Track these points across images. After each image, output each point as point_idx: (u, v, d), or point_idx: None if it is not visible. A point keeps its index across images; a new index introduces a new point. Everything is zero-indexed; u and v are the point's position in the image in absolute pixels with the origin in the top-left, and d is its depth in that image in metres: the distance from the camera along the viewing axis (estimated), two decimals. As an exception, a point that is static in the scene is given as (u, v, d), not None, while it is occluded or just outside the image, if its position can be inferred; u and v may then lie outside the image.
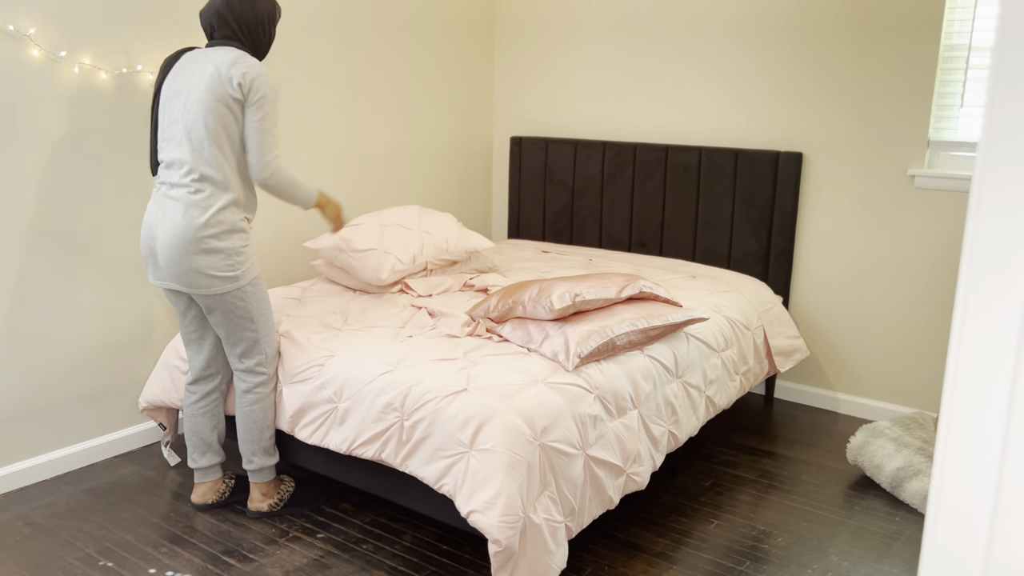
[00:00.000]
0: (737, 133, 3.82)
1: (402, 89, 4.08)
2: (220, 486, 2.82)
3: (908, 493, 2.89)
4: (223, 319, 2.54)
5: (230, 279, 2.49)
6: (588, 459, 2.34)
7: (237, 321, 2.55)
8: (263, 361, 2.62)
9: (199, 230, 2.43)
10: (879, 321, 3.58)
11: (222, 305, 2.51)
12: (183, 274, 2.46)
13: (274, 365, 2.66)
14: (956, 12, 3.27)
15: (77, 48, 2.88)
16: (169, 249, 2.45)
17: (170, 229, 2.44)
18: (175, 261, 2.45)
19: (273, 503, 2.75)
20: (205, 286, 2.47)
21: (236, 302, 2.52)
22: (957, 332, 0.91)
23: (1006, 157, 0.85)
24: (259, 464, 2.70)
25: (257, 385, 2.63)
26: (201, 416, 2.74)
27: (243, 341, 2.59)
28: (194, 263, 2.44)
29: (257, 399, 2.64)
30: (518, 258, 3.99)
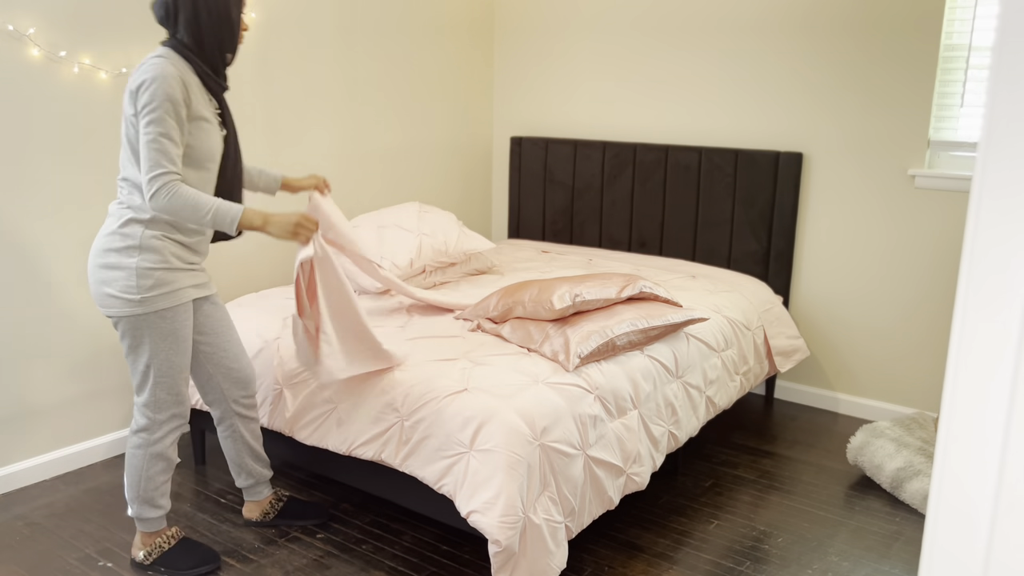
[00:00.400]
0: (737, 133, 3.82)
1: (402, 89, 4.07)
2: (266, 506, 2.69)
3: (908, 493, 2.89)
4: (123, 345, 2.27)
5: (129, 302, 2.18)
6: (588, 459, 2.34)
7: (132, 351, 2.25)
8: (150, 404, 2.30)
9: (105, 239, 2.20)
10: (879, 321, 3.58)
11: (121, 328, 2.23)
12: (92, 288, 2.24)
13: (166, 414, 2.32)
14: (956, 12, 3.27)
15: (77, 48, 2.88)
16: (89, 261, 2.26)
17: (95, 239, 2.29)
18: (89, 274, 2.25)
19: (145, 553, 2.44)
20: (106, 305, 2.22)
21: (134, 330, 2.22)
22: (957, 332, 0.91)
23: (1006, 157, 0.85)
24: (135, 512, 2.41)
25: (141, 429, 2.33)
26: (225, 440, 2.60)
27: (136, 374, 2.29)
28: (98, 276, 2.22)
29: (139, 444, 2.34)
30: (518, 258, 3.99)
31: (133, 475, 2.39)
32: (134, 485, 2.39)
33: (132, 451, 2.37)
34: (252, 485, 2.67)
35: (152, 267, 2.19)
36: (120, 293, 2.19)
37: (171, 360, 2.28)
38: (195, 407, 2.90)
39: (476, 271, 3.62)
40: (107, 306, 2.22)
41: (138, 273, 2.17)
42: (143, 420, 2.33)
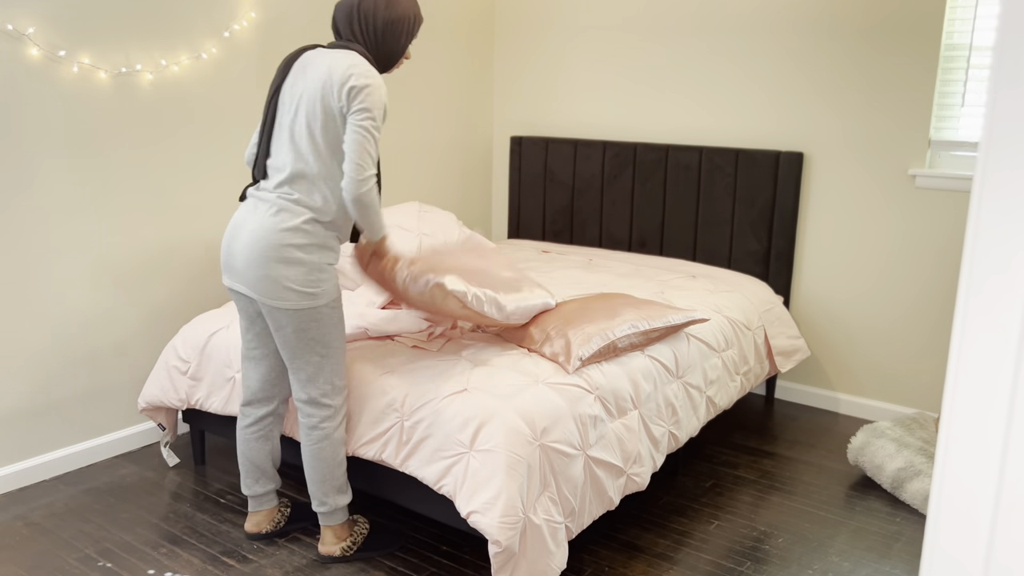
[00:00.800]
0: (737, 133, 3.82)
1: (402, 89, 4.07)
2: (276, 515, 2.64)
3: (909, 494, 2.89)
4: (292, 338, 2.30)
5: (308, 295, 2.25)
6: (588, 460, 2.33)
7: (307, 343, 2.31)
8: (328, 392, 2.37)
9: (285, 234, 2.22)
10: (880, 321, 3.58)
11: (294, 323, 2.28)
12: (259, 281, 2.25)
13: (341, 397, 2.40)
14: (956, 12, 3.26)
15: (76, 48, 2.88)
16: (250, 251, 2.25)
17: (256, 230, 2.24)
18: (254, 265, 2.24)
19: (346, 546, 2.50)
20: (280, 298, 2.25)
21: (310, 322, 2.28)
22: (958, 332, 0.90)
23: (1007, 157, 0.84)
24: (332, 505, 2.45)
25: (323, 420, 2.38)
26: (255, 440, 2.53)
27: (308, 366, 2.34)
28: (273, 271, 2.23)
29: (324, 435, 2.38)
30: (518, 258, 3.98)
31: (324, 469, 2.41)
32: (327, 479, 2.42)
33: (319, 446, 2.39)
34: (267, 492, 2.60)
35: (330, 263, 2.31)
36: (301, 287, 2.25)
37: (341, 346, 2.38)
38: (195, 407, 2.90)
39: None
40: (281, 299, 2.26)
41: (319, 267, 2.27)
42: (324, 411, 2.38)
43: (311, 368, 2.34)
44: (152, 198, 3.16)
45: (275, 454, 2.59)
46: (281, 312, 2.27)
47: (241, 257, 2.27)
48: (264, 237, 2.23)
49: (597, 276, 3.60)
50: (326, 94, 2.20)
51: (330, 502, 2.45)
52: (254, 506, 2.62)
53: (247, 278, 2.28)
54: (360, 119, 2.19)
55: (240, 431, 2.55)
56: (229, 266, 2.34)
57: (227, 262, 2.34)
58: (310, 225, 2.25)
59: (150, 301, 3.22)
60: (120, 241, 3.09)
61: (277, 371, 2.50)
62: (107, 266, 3.07)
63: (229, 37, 3.31)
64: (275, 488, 2.62)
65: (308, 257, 2.25)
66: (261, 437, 2.54)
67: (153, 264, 3.20)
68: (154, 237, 3.19)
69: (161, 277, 3.24)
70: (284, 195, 2.26)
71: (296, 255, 2.23)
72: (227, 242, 2.33)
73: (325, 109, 2.21)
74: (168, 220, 3.22)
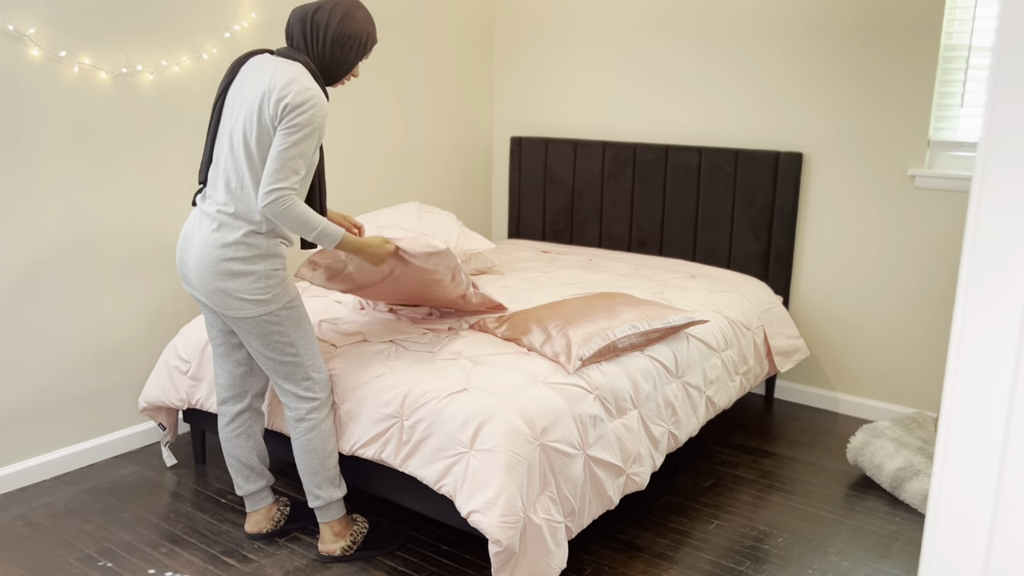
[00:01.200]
0: (737, 133, 3.82)
1: (402, 89, 4.07)
2: (274, 513, 2.64)
3: (908, 493, 2.89)
4: (260, 344, 2.34)
5: (260, 302, 2.28)
6: (588, 459, 2.33)
7: (275, 346, 2.34)
8: (309, 386, 2.40)
9: (227, 250, 2.24)
10: (879, 321, 3.58)
11: (256, 329, 2.31)
12: (212, 294, 2.29)
13: (326, 389, 2.42)
14: (956, 12, 3.27)
15: (77, 48, 2.88)
16: (199, 266, 2.28)
17: (201, 246, 2.27)
18: (205, 280, 2.28)
19: (346, 545, 2.50)
20: (234, 308, 2.28)
21: (270, 326, 2.31)
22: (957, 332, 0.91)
23: (1006, 157, 0.85)
24: (326, 498, 2.46)
25: (310, 411, 2.40)
26: (236, 439, 2.55)
27: (283, 367, 2.37)
28: (222, 285, 2.26)
29: (312, 426, 2.40)
30: (518, 258, 3.99)
31: (315, 460, 2.43)
32: (318, 470, 2.44)
33: (307, 437, 2.41)
34: (260, 490, 2.61)
35: (276, 268, 2.30)
36: (251, 295, 2.27)
37: (310, 341, 2.40)
38: (196, 407, 2.90)
39: (476, 271, 3.62)
40: (235, 308, 2.28)
41: (266, 275, 2.28)
42: (309, 403, 2.40)
43: (286, 368, 2.38)
44: (152, 198, 3.16)
45: (260, 450, 2.60)
46: (240, 321, 2.31)
47: (193, 270, 2.31)
48: (208, 253, 2.26)
49: (597, 276, 3.60)
50: (263, 105, 2.18)
51: (323, 495, 2.46)
52: (250, 505, 2.62)
53: (201, 290, 2.32)
54: (286, 134, 2.15)
55: (221, 431, 2.57)
56: (184, 276, 2.38)
57: (182, 272, 2.38)
58: (250, 238, 2.25)
59: (150, 301, 3.22)
60: (120, 241, 3.09)
61: (244, 367, 2.52)
62: (107, 266, 3.07)
63: (229, 38, 3.31)
64: (267, 484, 2.63)
65: (253, 267, 2.26)
66: (242, 435, 2.56)
67: (153, 264, 3.20)
68: (154, 237, 3.19)
69: (161, 277, 3.24)
70: (223, 209, 2.26)
71: (240, 267, 2.25)
72: (180, 253, 2.37)
73: (260, 121, 2.19)
74: (168, 220, 3.22)
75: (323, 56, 2.29)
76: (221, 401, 2.55)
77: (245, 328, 2.32)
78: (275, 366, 2.37)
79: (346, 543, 2.51)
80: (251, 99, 2.21)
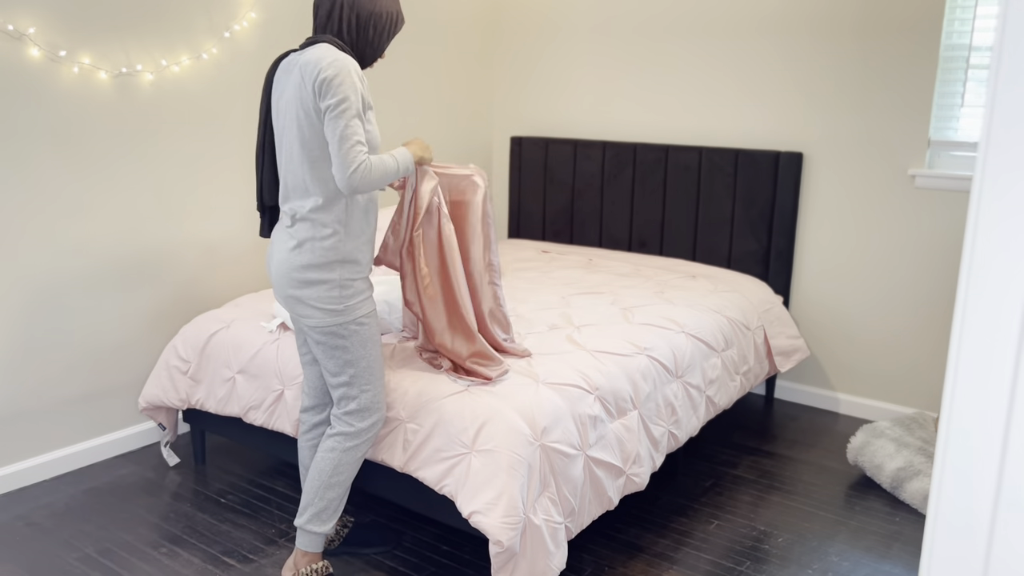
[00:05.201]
0: (737, 133, 3.82)
1: (402, 89, 4.07)
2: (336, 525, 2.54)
3: (908, 493, 2.89)
4: (321, 353, 2.26)
5: (332, 312, 2.19)
6: (588, 460, 2.33)
7: (334, 360, 2.24)
8: (353, 411, 2.27)
9: (300, 259, 2.18)
10: (879, 321, 3.58)
11: (321, 338, 2.23)
12: (285, 300, 2.24)
13: (368, 422, 2.28)
14: (956, 12, 3.27)
15: (77, 48, 2.88)
16: (277, 276, 2.24)
17: (278, 254, 2.23)
18: (280, 287, 2.24)
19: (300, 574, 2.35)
20: (305, 315, 2.21)
21: (335, 339, 2.22)
22: (957, 332, 0.91)
23: (1006, 157, 0.85)
24: (303, 522, 2.32)
25: (338, 434, 2.28)
26: (307, 449, 2.47)
27: (339, 386, 2.27)
28: (296, 293, 2.20)
29: (330, 448, 2.29)
30: (518, 258, 3.99)
31: (315, 480, 2.30)
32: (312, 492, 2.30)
33: (323, 455, 2.29)
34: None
35: (353, 278, 2.21)
36: (324, 304, 2.19)
37: (371, 366, 2.27)
38: (196, 407, 2.90)
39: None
40: (306, 316, 2.21)
41: (342, 284, 2.19)
42: (343, 427, 2.28)
43: (340, 388, 2.27)
44: (152, 198, 3.16)
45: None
46: (309, 328, 2.24)
47: (274, 281, 2.26)
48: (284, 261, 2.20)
49: (597, 276, 3.60)
50: (304, 99, 2.11)
51: (304, 518, 2.32)
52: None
53: (280, 298, 2.27)
54: (334, 113, 2.07)
55: (299, 438, 2.49)
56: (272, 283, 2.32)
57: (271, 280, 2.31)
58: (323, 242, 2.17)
59: (150, 301, 3.22)
60: (120, 241, 3.09)
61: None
62: (107, 266, 3.07)
63: (229, 37, 3.31)
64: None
65: (327, 276, 2.18)
66: (313, 446, 2.47)
67: (153, 264, 3.20)
68: (154, 237, 3.19)
69: (161, 277, 3.24)
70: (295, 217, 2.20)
71: (314, 276, 2.18)
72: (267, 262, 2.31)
73: (307, 116, 2.12)
74: (168, 220, 3.22)
75: (355, 37, 2.21)
76: (303, 409, 2.47)
77: (312, 336, 2.24)
78: (330, 379, 2.29)
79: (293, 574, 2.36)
80: (292, 102, 2.14)
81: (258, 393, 2.72)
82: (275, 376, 2.69)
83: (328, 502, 2.30)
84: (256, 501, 2.89)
